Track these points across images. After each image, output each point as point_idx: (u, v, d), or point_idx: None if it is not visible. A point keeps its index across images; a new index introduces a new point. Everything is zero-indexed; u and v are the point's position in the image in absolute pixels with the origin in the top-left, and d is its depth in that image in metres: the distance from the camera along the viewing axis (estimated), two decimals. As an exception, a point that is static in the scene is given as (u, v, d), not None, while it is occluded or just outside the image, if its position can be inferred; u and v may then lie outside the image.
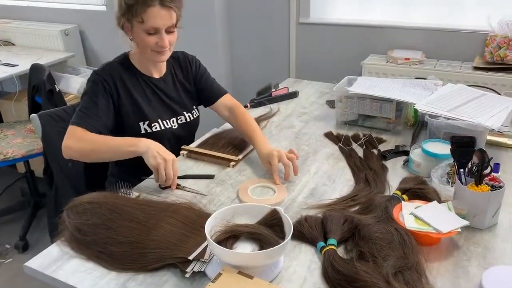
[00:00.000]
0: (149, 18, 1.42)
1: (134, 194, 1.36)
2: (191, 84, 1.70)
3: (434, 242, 1.12)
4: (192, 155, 1.59)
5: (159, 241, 1.11)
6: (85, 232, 1.16)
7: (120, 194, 1.33)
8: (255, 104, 2.02)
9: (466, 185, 1.17)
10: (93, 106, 1.47)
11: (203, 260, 1.05)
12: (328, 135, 1.73)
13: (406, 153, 1.56)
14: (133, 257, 1.08)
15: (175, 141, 1.68)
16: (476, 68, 2.04)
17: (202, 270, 1.04)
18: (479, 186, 1.16)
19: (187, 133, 1.70)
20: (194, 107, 1.71)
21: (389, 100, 1.68)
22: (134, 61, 1.57)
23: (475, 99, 1.61)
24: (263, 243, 1.05)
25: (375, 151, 1.59)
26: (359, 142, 1.64)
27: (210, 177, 1.47)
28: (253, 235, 1.07)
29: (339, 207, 1.27)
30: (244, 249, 1.05)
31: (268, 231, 1.07)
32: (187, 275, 1.03)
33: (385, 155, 1.55)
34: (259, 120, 1.86)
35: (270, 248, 0.96)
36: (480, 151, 1.16)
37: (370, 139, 1.66)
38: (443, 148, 1.42)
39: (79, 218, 1.19)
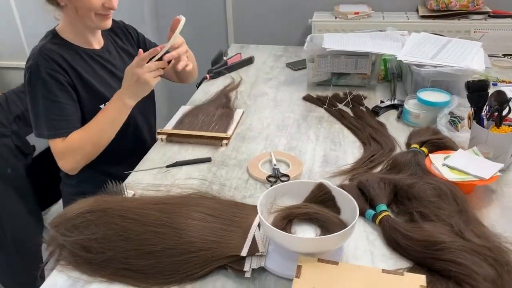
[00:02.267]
0: None
1: (129, 192, 1.14)
2: (135, 49, 1.47)
3: (471, 190, 1.11)
4: (173, 138, 1.39)
5: (197, 242, 0.93)
6: (95, 249, 0.93)
7: (112, 195, 1.10)
8: (214, 74, 1.84)
9: (487, 128, 1.17)
10: (55, 106, 1.23)
11: (260, 254, 0.90)
12: (308, 99, 1.64)
13: (395, 106, 1.54)
14: (171, 268, 0.90)
15: (141, 117, 1.47)
16: (423, 17, 2.08)
17: (262, 265, 0.89)
18: (500, 127, 1.16)
19: (149, 104, 1.51)
20: None
21: (364, 55, 1.63)
22: (67, 36, 1.31)
23: (445, 46, 1.63)
24: (323, 223, 0.93)
25: (363, 109, 1.54)
26: (344, 102, 1.57)
27: (207, 160, 1.29)
28: (309, 215, 0.94)
29: (362, 171, 1.20)
30: (305, 232, 0.93)
31: (322, 208, 0.95)
32: (248, 275, 0.88)
33: (376, 111, 1.50)
34: (226, 91, 1.70)
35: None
36: (498, 93, 1.15)
37: (354, 97, 1.60)
38: (438, 96, 1.42)
39: (80, 233, 0.95)
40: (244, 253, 0.90)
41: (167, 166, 1.26)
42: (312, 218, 0.94)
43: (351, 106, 1.56)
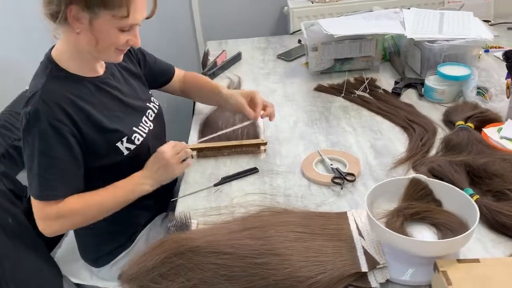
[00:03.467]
0: (136, 11, 1.02)
1: (193, 223, 1.01)
2: (136, 66, 1.31)
3: (531, 159, 1.12)
4: (206, 153, 1.26)
5: (309, 265, 0.84)
6: (196, 298, 0.81)
7: (181, 230, 0.97)
8: (209, 77, 1.71)
9: (530, 95, 1.19)
10: (53, 164, 1.03)
11: (381, 266, 0.84)
12: (321, 89, 1.58)
13: (411, 85, 1.52)
14: (293, 300, 0.80)
15: (157, 143, 1.32)
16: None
17: (388, 277, 0.83)
18: (541, 93, 1.19)
19: (160, 127, 1.33)
20: (150, 92, 1.35)
21: (368, 37, 1.60)
22: (69, 65, 1.08)
23: (441, 19, 1.64)
24: (435, 220, 0.88)
25: (381, 91, 1.51)
26: (361, 87, 1.53)
27: (255, 171, 1.18)
28: (419, 214, 0.89)
29: (420, 157, 1.17)
30: (420, 232, 0.88)
31: (428, 205, 0.91)
32: (378, 291, 0.81)
33: (398, 92, 1.48)
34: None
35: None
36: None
37: (370, 81, 1.57)
38: (458, 70, 1.42)
39: (173, 282, 0.82)
40: (364, 268, 0.83)
41: (215, 185, 1.14)
42: (423, 218, 0.89)
43: (368, 91, 1.52)
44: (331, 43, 1.60)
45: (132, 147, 1.17)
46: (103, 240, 1.24)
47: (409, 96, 1.48)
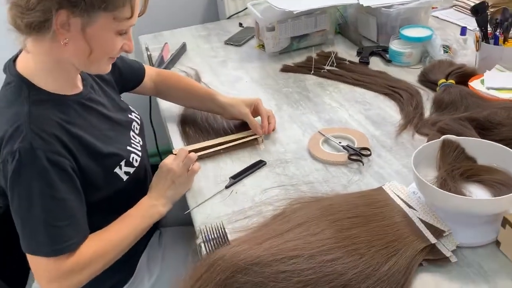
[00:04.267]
0: (136, 9, 0.87)
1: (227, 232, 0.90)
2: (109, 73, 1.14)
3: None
4: (203, 154, 1.13)
5: (381, 250, 0.78)
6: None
7: (221, 244, 0.86)
8: (162, 73, 1.55)
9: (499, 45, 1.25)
10: (60, 207, 0.84)
11: (446, 234, 0.81)
12: (288, 69, 1.52)
13: (374, 53, 1.53)
14: (377, 290, 0.75)
15: (149, 160, 1.17)
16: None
17: (458, 243, 0.81)
18: (506, 42, 1.26)
19: (145, 141, 1.17)
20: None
21: (322, 11, 1.57)
22: (45, 83, 0.88)
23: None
24: (479, 177, 0.88)
25: (347, 63, 1.50)
26: (329, 62, 1.50)
27: (262, 163, 1.09)
28: (463, 174, 0.88)
29: (418, 119, 1.17)
30: (471, 191, 0.87)
31: (464, 163, 0.90)
32: (454, 258, 0.79)
33: (366, 62, 1.48)
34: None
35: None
36: (503, 10, 1.23)
37: (327, 53, 1.54)
38: (418, 32, 1.45)
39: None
40: (432, 239, 0.80)
41: (227, 187, 1.03)
42: (468, 177, 0.89)
43: (335, 64, 1.49)
44: (287, 20, 1.55)
45: (131, 170, 1.01)
46: (99, 279, 1.03)
47: (376, 64, 1.49)
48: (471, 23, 1.46)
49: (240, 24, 1.90)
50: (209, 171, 1.09)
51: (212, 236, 0.88)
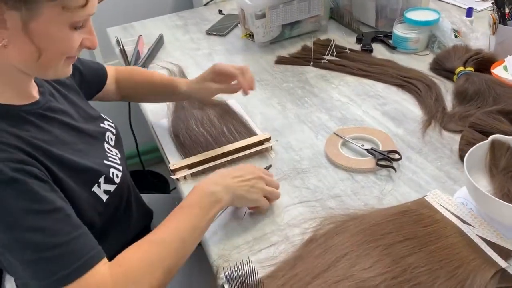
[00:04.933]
0: None
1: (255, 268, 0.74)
2: (70, 78, 0.96)
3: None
4: (205, 169, 0.96)
5: (449, 280, 0.66)
6: None
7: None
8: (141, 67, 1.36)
9: (519, 28, 1.15)
10: (58, 217, 0.65)
11: (516, 252, 0.70)
12: (283, 61, 1.36)
13: (375, 39, 1.40)
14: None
15: (129, 174, 0.99)
16: None
17: (530, 264, 0.70)
18: (526, 24, 1.16)
19: (124, 154, 0.98)
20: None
21: (315, -6, 1.42)
22: None
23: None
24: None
25: (347, 51, 1.36)
26: (328, 51, 1.35)
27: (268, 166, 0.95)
28: None
29: (442, 114, 1.06)
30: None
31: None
32: (531, 284, 0.67)
33: (370, 49, 1.34)
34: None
35: None
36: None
37: (325, 41, 1.40)
38: (424, 15, 1.33)
39: None
40: (502, 263, 0.69)
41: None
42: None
43: (335, 53, 1.35)
44: (279, 6, 1.39)
45: (112, 188, 0.83)
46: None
47: (379, 52, 1.36)
48: (471, 4, 1.36)
49: (220, 11, 1.72)
50: None
51: (238, 274, 0.72)
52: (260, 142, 1.01)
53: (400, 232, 0.74)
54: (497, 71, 1.10)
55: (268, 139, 1.02)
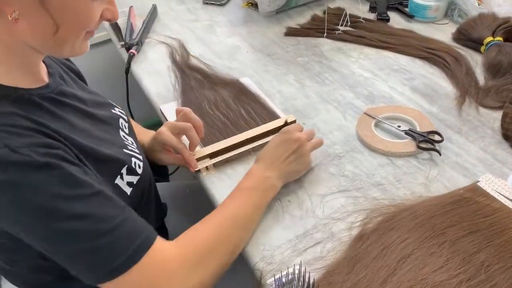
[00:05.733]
0: None
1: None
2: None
3: None
4: (230, 157, 0.87)
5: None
6: None
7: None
8: (137, 45, 1.22)
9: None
10: (101, 203, 0.59)
11: None
12: (293, 33, 1.25)
13: (389, 7, 1.31)
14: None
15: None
16: None
17: None
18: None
19: (135, 139, 0.87)
20: None
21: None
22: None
23: None
24: None
25: (362, 21, 1.26)
26: (343, 22, 1.25)
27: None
28: None
29: (476, 89, 0.99)
30: None
31: None
32: None
33: (386, 18, 1.25)
34: (187, 63, 1.15)
35: None
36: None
37: (336, 10, 1.30)
38: (444, -21, 1.24)
39: None
40: None
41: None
42: None
43: (349, 24, 1.26)
44: (287, -29, 1.27)
45: (135, 179, 0.74)
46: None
47: (396, 21, 1.27)
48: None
49: (215, -23, 1.58)
50: (226, 180, 0.84)
51: (288, 279, 0.65)
52: (285, 126, 0.92)
53: (461, 225, 0.68)
54: (530, 41, 1.04)
55: (294, 122, 0.93)
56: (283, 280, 0.65)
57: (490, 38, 1.06)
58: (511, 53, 1.00)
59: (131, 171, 0.73)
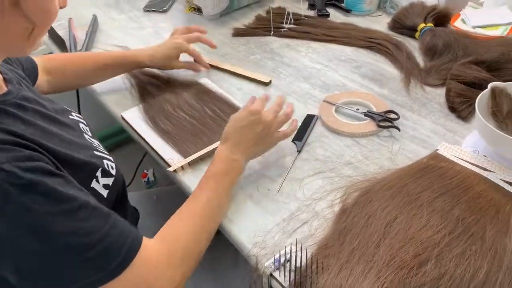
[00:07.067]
0: None
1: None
2: (14, 64, 0.82)
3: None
4: (206, 154, 0.88)
5: (493, 228, 0.67)
6: None
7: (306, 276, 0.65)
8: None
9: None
10: (86, 217, 0.57)
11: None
12: (241, 33, 1.29)
13: (328, 3, 1.38)
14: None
15: None
16: None
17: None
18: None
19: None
20: None
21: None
22: None
23: None
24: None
25: (304, 18, 1.33)
26: (288, 20, 1.30)
27: (315, 117, 0.96)
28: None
29: (418, 70, 1.08)
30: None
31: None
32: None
33: (326, 14, 1.33)
34: (142, 71, 1.15)
35: None
36: None
37: (280, 9, 1.35)
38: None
39: None
40: (532, 200, 0.72)
41: (299, 151, 0.82)
42: None
43: (293, 21, 1.31)
44: (228, -25, 1.31)
45: (111, 181, 0.73)
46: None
47: (335, 16, 1.35)
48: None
49: (152, -15, 1.58)
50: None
51: (285, 258, 0.67)
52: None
53: (432, 188, 0.74)
54: (458, 24, 1.15)
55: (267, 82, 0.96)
56: (281, 260, 0.67)
57: (422, 25, 1.17)
58: (443, 36, 1.11)
59: (106, 173, 0.72)
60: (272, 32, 1.27)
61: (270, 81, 1.07)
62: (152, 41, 1.28)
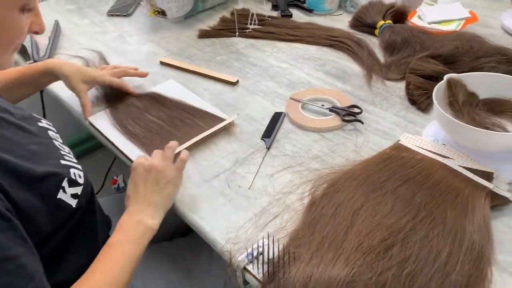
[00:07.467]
0: None
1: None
2: None
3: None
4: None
5: (453, 211, 0.71)
6: None
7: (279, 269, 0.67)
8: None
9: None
10: (7, 272, 0.54)
11: (495, 175, 0.78)
12: (206, 35, 1.30)
13: (290, 4, 1.41)
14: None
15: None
16: None
17: (508, 181, 0.78)
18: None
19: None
20: None
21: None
22: None
23: None
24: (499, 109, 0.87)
25: (268, 18, 1.35)
26: (252, 21, 1.32)
27: (283, 114, 0.97)
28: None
29: (379, 66, 1.12)
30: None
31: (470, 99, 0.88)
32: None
33: (289, 14, 1.35)
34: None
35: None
36: None
37: (243, 10, 1.38)
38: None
39: None
40: (489, 185, 0.77)
41: (269, 148, 0.83)
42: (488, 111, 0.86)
43: (257, 22, 1.34)
44: (190, -23, 1.32)
45: (79, 190, 0.72)
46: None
47: (298, 16, 1.38)
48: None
49: (115, -10, 1.57)
50: (190, 170, 0.87)
51: (258, 252, 0.69)
52: (222, 119, 0.96)
53: (395, 177, 0.78)
54: (414, 20, 1.20)
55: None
56: (254, 254, 0.69)
57: (382, 22, 1.21)
58: (402, 32, 1.16)
59: (73, 183, 0.70)
60: (237, 33, 1.29)
61: (238, 81, 1.09)
62: (116, 44, 1.28)
